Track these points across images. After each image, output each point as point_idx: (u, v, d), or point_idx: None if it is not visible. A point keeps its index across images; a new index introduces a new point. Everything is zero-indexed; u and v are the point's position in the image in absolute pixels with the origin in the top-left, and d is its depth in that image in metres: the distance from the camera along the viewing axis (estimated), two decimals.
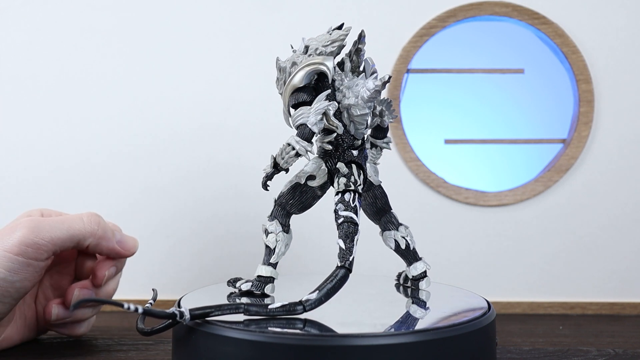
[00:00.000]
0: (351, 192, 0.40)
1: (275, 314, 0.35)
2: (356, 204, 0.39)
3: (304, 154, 0.40)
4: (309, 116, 0.40)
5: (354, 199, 0.39)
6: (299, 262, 0.64)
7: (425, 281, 0.46)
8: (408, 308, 0.42)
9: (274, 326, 0.34)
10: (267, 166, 0.41)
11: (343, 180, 0.40)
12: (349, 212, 0.39)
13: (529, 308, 0.65)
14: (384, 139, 0.46)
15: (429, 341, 0.34)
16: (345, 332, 0.34)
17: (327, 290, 0.36)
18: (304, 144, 0.39)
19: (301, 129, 0.40)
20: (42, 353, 0.46)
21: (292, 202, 0.43)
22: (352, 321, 0.38)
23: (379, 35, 0.65)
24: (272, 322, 0.35)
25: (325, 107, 0.40)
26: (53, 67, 0.65)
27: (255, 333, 0.33)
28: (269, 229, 0.43)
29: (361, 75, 0.42)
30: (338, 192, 0.40)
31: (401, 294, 0.46)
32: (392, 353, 0.33)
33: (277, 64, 0.43)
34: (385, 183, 0.47)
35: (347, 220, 0.38)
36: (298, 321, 0.36)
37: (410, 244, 0.46)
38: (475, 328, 0.36)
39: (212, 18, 0.65)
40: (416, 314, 0.40)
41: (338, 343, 0.32)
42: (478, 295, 0.44)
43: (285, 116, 0.44)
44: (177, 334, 0.38)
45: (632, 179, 0.65)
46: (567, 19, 0.65)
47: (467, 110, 0.70)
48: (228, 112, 0.65)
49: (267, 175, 0.41)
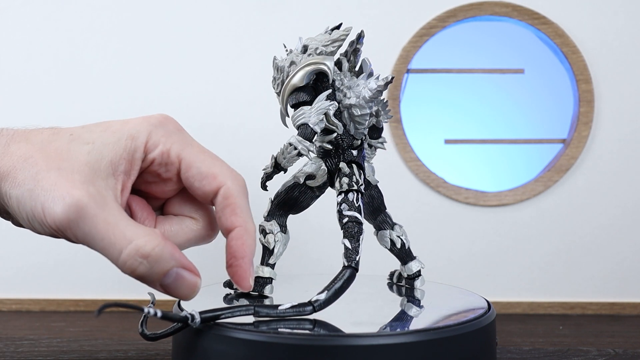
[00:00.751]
0: (354, 191, 0.40)
1: (286, 315, 0.35)
2: (360, 203, 0.39)
3: (306, 154, 0.40)
4: (311, 116, 0.40)
5: (358, 198, 0.40)
6: (299, 262, 0.64)
7: (420, 280, 0.46)
8: (407, 308, 0.42)
9: (275, 326, 0.34)
10: (267, 166, 0.41)
11: (346, 180, 0.40)
12: (353, 211, 0.39)
13: (529, 308, 0.65)
14: (379, 139, 0.46)
15: (429, 341, 0.34)
16: (345, 333, 0.34)
17: (335, 290, 0.36)
18: (306, 143, 0.39)
19: (303, 129, 0.40)
20: (43, 353, 0.46)
21: (289, 202, 0.43)
22: (359, 321, 0.38)
23: (379, 35, 0.65)
24: (282, 323, 0.35)
25: (327, 107, 0.40)
26: (53, 67, 0.65)
27: (252, 333, 0.33)
28: (267, 229, 0.43)
29: (362, 75, 0.42)
30: (341, 192, 0.40)
31: (396, 294, 0.46)
32: (392, 353, 0.33)
33: (274, 63, 0.43)
34: (385, 183, 0.47)
35: (352, 220, 0.38)
36: (307, 322, 0.35)
37: (406, 243, 0.46)
38: (475, 328, 0.36)
39: (212, 18, 0.65)
40: (415, 313, 0.40)
41: (338, 343, 0.32)
42: (478, 295, 0.44)
43: (282, 115, 0.44)
44: (177, 337, 0.38)
45: (632, 179, 0.65)
46: (567, 19, 0.65)
47: (467, 110, 0.70)
48: (228, 112, 0.65)
49: (267, 175, 0.41)
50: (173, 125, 0.35)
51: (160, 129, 0.34)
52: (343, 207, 0.39)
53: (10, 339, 0.51)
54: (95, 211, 0.30)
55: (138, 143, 0.33)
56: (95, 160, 0.32)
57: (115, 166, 0.33)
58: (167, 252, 0.31)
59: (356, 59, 0.42)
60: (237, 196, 0.34)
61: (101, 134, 0.33)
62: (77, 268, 0.65)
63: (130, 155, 0.33)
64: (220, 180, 0.34)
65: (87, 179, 0.31)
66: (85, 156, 0.32)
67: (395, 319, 0.39)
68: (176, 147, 0.34)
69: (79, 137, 0.33)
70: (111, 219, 0.31)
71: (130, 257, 0.30)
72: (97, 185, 0.32)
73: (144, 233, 0.31)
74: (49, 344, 0.49)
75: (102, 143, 0.33)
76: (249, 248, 0.34)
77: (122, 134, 0.33)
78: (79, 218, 0.30)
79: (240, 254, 0.33)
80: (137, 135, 0.33)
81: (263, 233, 0.43)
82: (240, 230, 0.34)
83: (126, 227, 0.31)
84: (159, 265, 0.31)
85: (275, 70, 0.43)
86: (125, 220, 0.31)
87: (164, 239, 0.32)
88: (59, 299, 0.64)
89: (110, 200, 0.32)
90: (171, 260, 0.31)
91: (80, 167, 0.32)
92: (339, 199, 0.40)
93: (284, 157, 0.40)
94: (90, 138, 0.33)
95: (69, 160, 0.32)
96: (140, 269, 0.31)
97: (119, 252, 0.30)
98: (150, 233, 0.31)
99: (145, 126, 0.34)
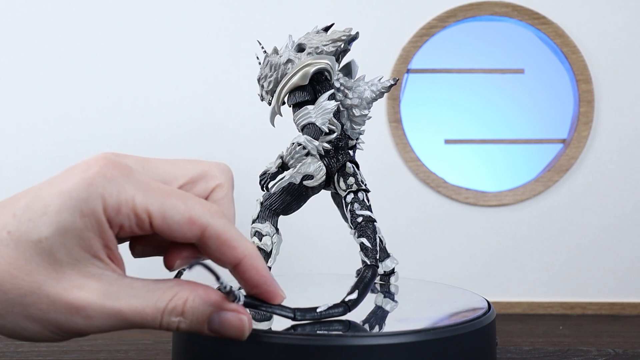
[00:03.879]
0: (363, 191, 0.40)
1: (323, 316, 0.35)
2: (369, 202, 0.40)
3: (315, 154, 0.40)
4: (318, 116, 0.40)
5: (367, 197, 0.40)
6: (299, 262, 0.64)
7: (395, 276, 0.46)
8: (406, 307, 0.42)
9: (314, 328, 0.34)
10: (270, 166, 0.41)
11: (352, 180, 0.40)
12: (366, 210, 0.39)
13: (529, 308, 0.65)
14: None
15: (429, 341, 0.34)
16: (345, 333, 0.34)
17: (364, 289, 0.37)
18: (315, 143, 0.39)
19: (310, 129, 0.40)
20: (43, 353, 0.46)
21: (283, 203, 0.42)
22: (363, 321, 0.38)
23: (379, 35, 0.65)
24: (320, 325, 0.35)
25: (333, 108, 0.40)
26: (53, 67, 0.65)
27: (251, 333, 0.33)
28: (263, 232, 0.42)
29: (362, 76, 0.42)
30: (350, 192, 0.40)
31: (379, 291, 0.45)
32: (392, 353, 0.33)
33: (267, 60, 0.42)
34: (385, 183, 0.47)
35: (367, 219, 0.39)
36: (341, 322, 0.35)
37: (383, 241, 0.46)
38: (475, 328, 0.36)
39: (212, 18, 0.65)
40: (414, 313, 0.40)
41: (338, 343, 0.32)
42: (478, 295, 0.44)
43: (274, 114, 0.43)
44: (177, 334, 0.38)
45: (632, 179, 0.65)
46: (567, 19, 0.65)
47: (467, 110, 0.70)
48: (228, 112, 0.65)
49: (271, 175, 0.41)
50: (119, 170, 0.28)
51: (111, 184, 0.27)
52: (355, 206, 0.39)
53: (10, 339, 0.51)
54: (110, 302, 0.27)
55: (95, 217, 0.27)
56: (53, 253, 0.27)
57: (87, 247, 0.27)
58: (199, 302, 0.29)
59: (341, 59, 0.42)
60: (226, 230, 0.29)
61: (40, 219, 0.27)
62: None
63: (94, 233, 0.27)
64: (201, 222, 0.28)
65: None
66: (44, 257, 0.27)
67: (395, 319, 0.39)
68: (139, 199, 0.27)
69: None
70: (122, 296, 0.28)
71: (166, 322, 0.29)
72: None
73: (165, 289, 0.29)
74: (49, 344, 0.49)
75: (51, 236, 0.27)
76: (264, 270, 0.31)
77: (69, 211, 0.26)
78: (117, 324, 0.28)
79: (262, 282, 0.31)
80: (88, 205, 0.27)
81: (258, 236, 0.42)
82: (247, 260, 0.30)
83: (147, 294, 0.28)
84: (197, 318, 0.29)
85: (267, 68, 0.42)
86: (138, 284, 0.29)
87: (192, 286, 0.29)
88: None
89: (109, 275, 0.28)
90: (207, 308, 0.29)
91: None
92: (348, 199, 0.40)
93: (292, 157, 0.40)
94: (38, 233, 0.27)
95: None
96: (181, 327, 0.29)
97: (154, 322, 0.28)
98: (173, 287, 0.29)
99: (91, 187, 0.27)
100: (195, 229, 0.28)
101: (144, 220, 0.28)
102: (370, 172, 0.50)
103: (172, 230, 0.28)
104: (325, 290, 0.47)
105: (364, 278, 0.37)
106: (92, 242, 0.27)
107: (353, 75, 0.43)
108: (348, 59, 0.43)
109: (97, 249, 0.27)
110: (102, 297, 0.27)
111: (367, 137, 0.49)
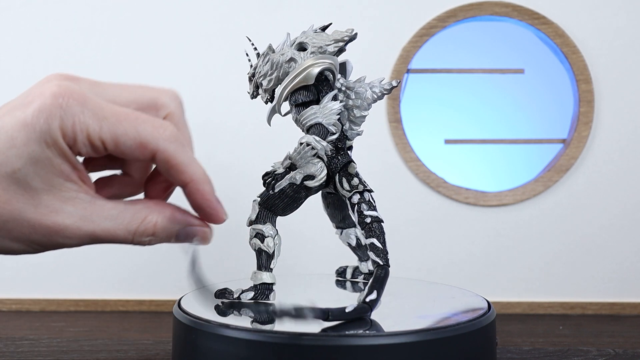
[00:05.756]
0: (368, 191, 0.40)
1: (350, 316, 0.35)
2: (374, 202, 0.40)
3: (323, 154, 0.40)
4: (325, 116, 0.40)
5: (373, 197, 0.40)
6: (298, 262, 0.64)
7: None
8: (407, 307, 0.42)
9: (344, 330, 0.34)
10: (276, 166, 0.41)
11: (356, 181, 0.40)
12: (373, 211, 0.39)
13: (529, 308, 0.65)
14: None
15: (429, 341, 0.34)
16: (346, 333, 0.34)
17: (381, 289, 0.37)
18: (323, 143, 0.39)
19: (317, 128, 0.40)
20: (43, 353, 0.46)
21: (282, 204, 0.41)
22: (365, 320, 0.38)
23: (379, 35, 0.65)
24: (349, 325, 0.35)
25: (339, 108, 0.40)
26: (52, 66, 0.65)
27: (252, 333, 0.33)
28: (265, 233, 0.41)
29: (362, 77, 0.42)
30: (356, 192, 0.40)
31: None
32: (392, 353, 0.33)
33: (268, 57, 0.42)
34: (385, 183, 0.47)
35: (375, 220, 0.39)
36: (364, 323, 0.36)
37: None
38: (475, 328, 0.36)
39: (212, 18, 0.65)
40: (415, 313, 0.40)
41: (338, 343, 0.32)
42: (478, 295, 0.44)
43: (272, 112, 0.43)
44: (177, 334, 0.38)
45: (632, 179, 0.65)
46: (567, 19, 0.65)
47: (467, 110, 0.70)
48: (228, 112, 0.65)
49: (279, 175, 0.40)
50: (74, 99, 0.30)
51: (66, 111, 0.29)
52: (363, 207, 0.40)
53: (10, 339, 0.51)
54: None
55: (58, 146, 0.29)
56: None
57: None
58: (167, 222, 0.33)
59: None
60: (176, 155, 0.31)
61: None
62: (77, 268, 0.65)
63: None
64: (152, 148, 0.31)
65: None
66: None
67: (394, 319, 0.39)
68: (93, 128, 0.29)
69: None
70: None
71: (137, 241, 0.32)
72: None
73: (134, 211, 0.32)
74: (49, 344, 0.49)
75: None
76: (209, 194, 0.33)
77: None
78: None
79: (205, 205, 0.33)
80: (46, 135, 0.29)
81: (260, 237, 0.41)
82: (193, 185, 0.33)
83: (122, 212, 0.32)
84: (167, 235, 0.33)
85: (267, 65, 0.42)
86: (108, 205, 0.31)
87: (160, 208, 0.32)
88: (59, 299, 0.64)
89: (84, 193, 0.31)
90: (175, 226, 0.33)
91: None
92: (355, 199, 0.40)
93: (301, 157, 0.40)
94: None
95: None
96: (151, 243, 0.33)
97: (126, 241, 0.32)
98: (142, 209, 0.32)
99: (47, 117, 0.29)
100: (147, 153, 0.31)
101: (99, 147, 0.30)
102: (370, 172, 0.50)
103: (126, 154, 0.31)
104: (326, 290, 0.47)
105: (378, 278, 0.37)
106: (62, 167, 0.30)
107: (347, 76, 0.43)
108: (342, 59, 0.43)
109: (69, 172, 0.30)
110: (78, 221, 0.30)
111: (367, 137, 0.49)
